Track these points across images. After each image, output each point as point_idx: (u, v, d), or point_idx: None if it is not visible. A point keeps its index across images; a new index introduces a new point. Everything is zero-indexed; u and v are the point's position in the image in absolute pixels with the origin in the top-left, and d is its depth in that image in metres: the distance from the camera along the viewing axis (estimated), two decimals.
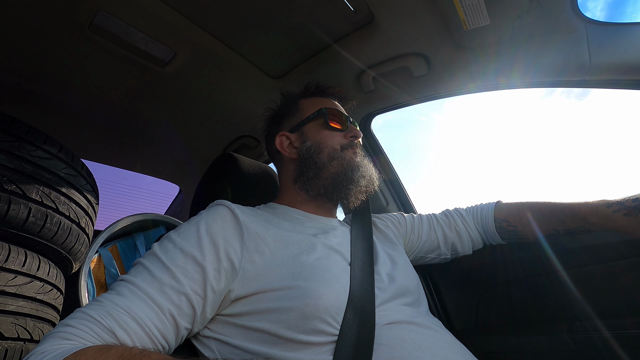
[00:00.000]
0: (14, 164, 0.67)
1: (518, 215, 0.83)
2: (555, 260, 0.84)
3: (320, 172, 0.75)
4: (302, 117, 0.82)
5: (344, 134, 0.80)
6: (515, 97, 2.81)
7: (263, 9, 0.91)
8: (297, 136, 0.80)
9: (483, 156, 25.54)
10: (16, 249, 0.68)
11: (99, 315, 0.45)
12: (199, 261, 0.53)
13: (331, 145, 0.77)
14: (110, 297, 0.48)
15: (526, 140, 18.08)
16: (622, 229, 0.68)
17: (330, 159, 0.75)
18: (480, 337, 0.92)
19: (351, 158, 0.76)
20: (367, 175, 0.76)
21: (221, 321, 0.56)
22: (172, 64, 1.06)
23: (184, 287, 0.51)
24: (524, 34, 0.87)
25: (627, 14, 1.36)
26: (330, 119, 0.79)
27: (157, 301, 0.49)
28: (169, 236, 0.58)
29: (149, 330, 0.47)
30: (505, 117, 12.61)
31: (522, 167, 21.85)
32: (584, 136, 15.34)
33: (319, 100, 0.85)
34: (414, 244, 0.88)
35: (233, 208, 0.62)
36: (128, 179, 4.75)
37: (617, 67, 0.79)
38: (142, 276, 0.51)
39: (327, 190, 0.75)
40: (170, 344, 0.51)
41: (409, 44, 0.99)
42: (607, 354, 0.71)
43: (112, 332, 0.44)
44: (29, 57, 0.98)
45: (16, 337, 0.65)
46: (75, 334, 0.43)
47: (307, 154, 0.76)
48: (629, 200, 0.68)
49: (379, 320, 0.56)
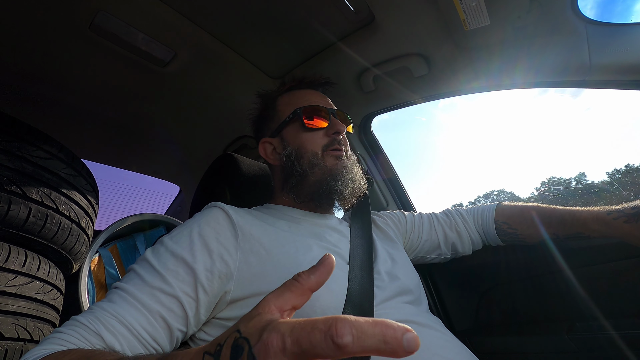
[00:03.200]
0: (15, 164, 0.67)
1: (519, 218, 0.82)
2: (556, 261, 0.84)
3: (302, 180, 0.71)
4: (280, 119, 0.77)
5: (325, 131, 0.73)
6: (515, 97, 2.81)
7: (263, 9, 0.91)
8: (278, 141, 0.76)
9: (483, 156, 25.56)
10: (16, 249, 0.68)
11: (87, 320, 0.46)
12: (189, 264, 0.53)
13: (311, 149, 0.71)
14: (101, 304, 0.49)
15: (526, 140, 18.10)
16: (622, 236, 0.68)
17: (311, 165, 0.70)
18: (480, 337, 0.92)
19: (333, 165, 0.71)
20: (351, 182, 0.71)
21: (218, 325, 0.56)
22: (172, 64, 1.06)
23: (174, 290, 0.51)
24: (524, 34, 0.87)
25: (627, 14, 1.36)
26: (307, 118, 0.73)
27: (146, 305, 0.49)
28: (161, 240, 0.58)
29: (138, 334, 0.47)
30: (505, 117, 12.65)
31: (521, 167, 21.85)
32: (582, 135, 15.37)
33: (295, 96, 0.78)
34: (414, 242, 0.88)
35: (227, 209, 0.61)
36: (128, 179, 4.77)
37: (617, 68, 0.79)
38: (133, 282, 0.51)
39: (313, 197, 0.72)
40: (164, 347, 0.50)
41: (409, 44, 0.99)
42: (608, 354, 0.71)
43: (99, 334, 0.44)
44: (29, 57, 0.98)
45: (16, 337, 0.64)
46: (63, 338, 0.43)
47: (288, 161, 0.72)
48: (629, 207, 0.69)
49: None
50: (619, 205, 0.71)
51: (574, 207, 0.77)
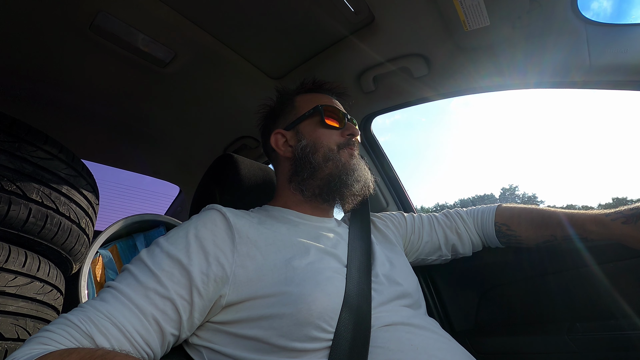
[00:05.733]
0: (15, 164, 0.67)
1: (518, 220, 0.83)
2: (555, 261, 0.84)
3: (315, 172, 0.73)
4: (297, 114, 0.79)
5: (341, 132, 0.77)
6: (515, 97, 2.82)
7: (263, 9, 0.91)
8: (292, 134, 0.78)
9: (482, 156, 25.59)
10: (16, 250, 0.68)
11: (79, 320, 0.44)
12: (185, 265, 0.52)
13: (327, 144, 0.74)
14: (93, 303, 0.48)
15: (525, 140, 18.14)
16: (620, 237, 0.69)
17: (326, 159, 0.73)
18: (480, 338, 0.92)
19: (347, 160, 0.74)
20: (362, 180, 0.74)
21: (212, 329, 0.55)
22: (172, 65, 1.06)
23: (169, 292, 0.50)
24: (524, 34, 0.87)
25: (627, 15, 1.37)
26: (327, 116, 0.76)
27: (140, 306, 0.48)
28: (157, 241, 0.57)
29: (130, 336, 0.46)
30: (505, 117, 12.67)
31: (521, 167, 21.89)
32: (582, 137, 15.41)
33: (316, 97, 0.82)
34: (415, 244, 0.87)
35: (224, 212, 0.61)
36: (128, 179, 4.77)
37: (617, 68, 0.79)
38: (126, 282, 0.50)
39: (322, 192, 0.73)
40: (155, 351, 0.49)
41: (409, 44, 0.99)
42: (608, 354, 0.71)
43: (91, 336, 0.43)
44: (29, 57, 0.98)
45: (16, 337, 0.64)
46: (53, 338, 0.42)
47: (302, 153, 0.74)
48: (627, 209, 0.69)
49: (376, 322, 0.56)
50: (617, 208, 0.71)
51: (572, 210, 0.77)
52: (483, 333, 0.93)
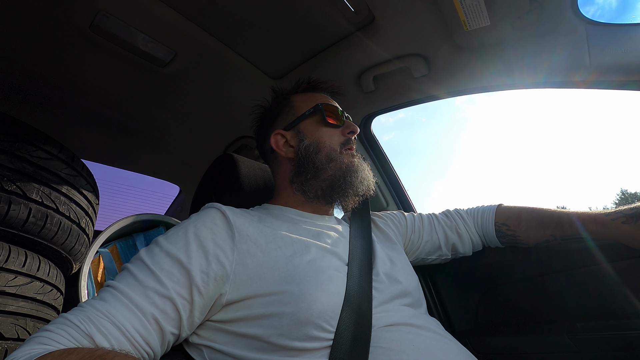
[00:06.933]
0: (15, 164, 0.67)
1: (518, 220, 0.83)
2: (556, 261, 0.84)
3: (318, 173, 0.73)
4: (296, 114, 0.79)
5: (341, 130, 0.77)
6: (515, 97, 2.82)
7: (263, 9, 0.91)
8: (293, 134, 0.77)
9: (482, 156, 25.57)
10: (16, 249, 0.68)
11: (79, 319, 0.44)
12: (184, 264, 0.52)
13: (330, 144, 0.74)
14: (93, 303, 0.47)
15: (525, 140, 18.12)
16: (620, 236, 0.69)
17: (329, 160, 0.73)
18: (480, 338, 0.92)
19: (349, 161, 0.74)
20: (364, 180, 0.75)
21: (212, 327, 0.55)
22: (172, 65, 1.06)
23: (168, 291, 0.50)
24: (524, 34, 0.87)
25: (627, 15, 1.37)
26: (327, 115, 0.76)
27: (140, 305, 0.48)
28: (156, 240, 0.57)
29: (130, 336, 0.46)
30: (504, 118, 12.66)
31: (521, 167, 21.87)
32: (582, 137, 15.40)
33: (313, 96, 0.82)
34: (415, 243, 0.87)
35: (224, 210, 0.60)
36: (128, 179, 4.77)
37: (617, 68, 0.79)
38: (126, 281, 0.50)
39: (324, 192, 0.73)
40: (155, 350, 0.49)
41: (409, 44, 0.99)
42: (608, 355, 0.71)
43: (90, 336, 0.43)
44: (29, 57, 0.98)
45: (16, 337, 0.64)
46: (52, 338, 0.42)
47: (306, 153, 0.73)
48: (627, 208, 0.69)
49: (377, 322, 0.56)
50: (618, 208, 0.71)
51: (572, 210, 0.78)
52: (483, 333, 0.93)
